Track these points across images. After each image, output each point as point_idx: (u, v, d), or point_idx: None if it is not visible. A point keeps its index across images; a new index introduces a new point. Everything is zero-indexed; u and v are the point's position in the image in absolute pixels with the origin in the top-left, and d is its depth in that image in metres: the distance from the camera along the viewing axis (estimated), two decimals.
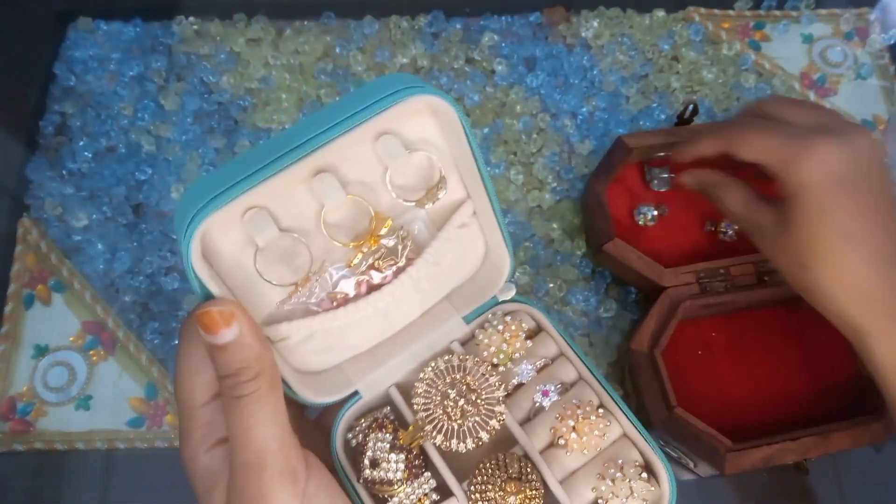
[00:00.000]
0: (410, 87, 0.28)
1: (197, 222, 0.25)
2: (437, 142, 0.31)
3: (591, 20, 0.64)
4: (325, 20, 0.64)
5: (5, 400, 0.52)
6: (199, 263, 0.26)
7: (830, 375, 0.52)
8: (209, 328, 0.26)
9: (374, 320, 0.34)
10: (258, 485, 0.26)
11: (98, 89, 0.61)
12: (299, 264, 0.30)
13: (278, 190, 0.28)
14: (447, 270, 0.35)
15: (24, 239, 0.56)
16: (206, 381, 0.28)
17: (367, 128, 0.28)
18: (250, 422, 0.26)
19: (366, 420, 0.34)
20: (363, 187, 0.30)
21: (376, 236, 0.31)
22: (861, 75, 0.65)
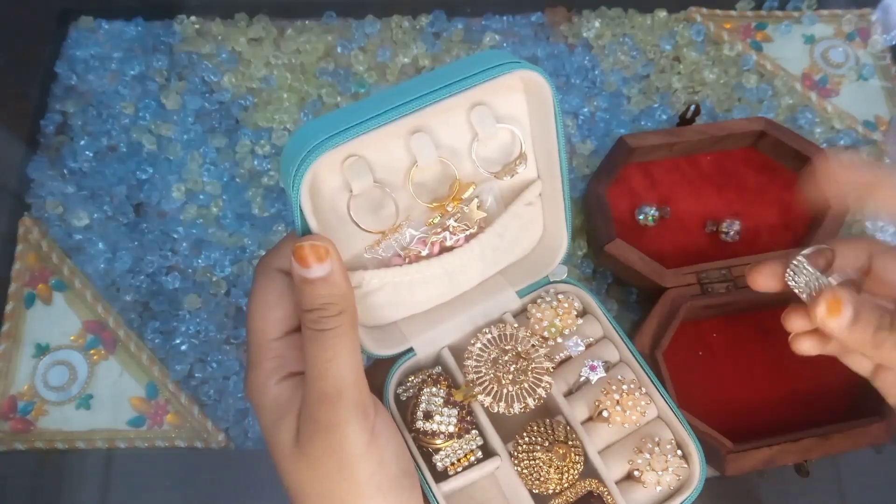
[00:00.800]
0: (514, 62, 0.29)
1: (314, 157, 0.27)
2: (522, 118, 0.33)
3: (592, 20, 0.64)
4: (326, 20, 0.64)
5: (6, 399, 0.52)
6: (306, 198, 0.28)
7: (831, 377, 0.52)
8: (303, 261, 0.27)
9: (440, 281, 0.35)
10: (334, 414, 0.27)
11: (99, 88, 0.61)
12: (385, 217, 0.32)
13: (378, 141, 0.29)
14: (508, 245, 0.36)
15: (25, 238, 0.56)
16: (281, 316, 0.29)
17: (467, 96, 0.29)
18: (330, 354, 0.27)
19: (416, 377, 0.35)
20: (451, 153, 0.32)
21: (458, 199, 0.32)
22: (863, 76, 0.65)
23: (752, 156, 0.57)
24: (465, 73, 0.29)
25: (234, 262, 0.55)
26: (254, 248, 0.56)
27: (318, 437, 0.28)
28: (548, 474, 0.33)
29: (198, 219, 0.57)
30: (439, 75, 0.29)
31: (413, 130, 0.30)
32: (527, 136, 0.33)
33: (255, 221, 0.57)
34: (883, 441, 0.47)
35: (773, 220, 0.55)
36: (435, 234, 0.33)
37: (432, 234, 0.33)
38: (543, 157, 0.34)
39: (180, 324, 0.54)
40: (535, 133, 0.33)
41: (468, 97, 0.30)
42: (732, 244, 0.54)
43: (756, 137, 0.56)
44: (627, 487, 0.35)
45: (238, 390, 0.52)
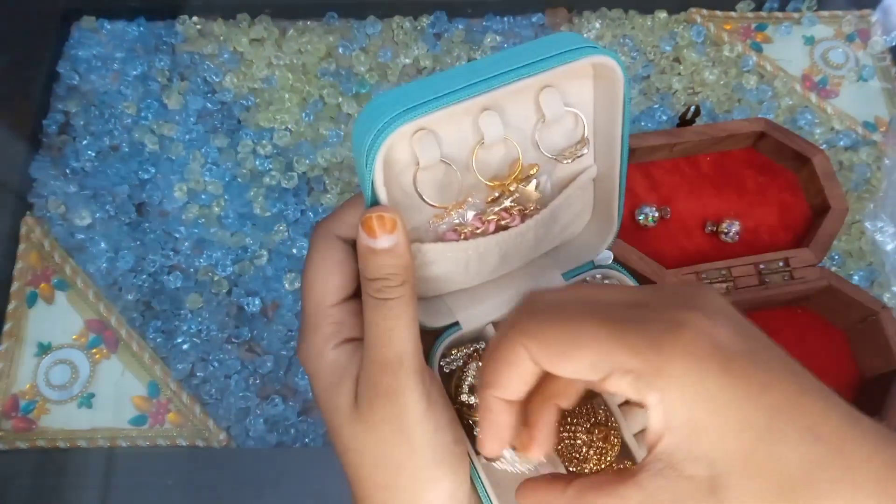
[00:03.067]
0: (588, 47, 0.29)
1: (390, 130, 0.27)
2: (587, 104, 0.33)
3: (593, 21, 0.65)
4: (328, 20, 0.64)
5: (8, 398, 0.52)
6: (380, 169, 0.28)
7: (830, 377, 0.52)
8: (372, 232, 0.27)
9: (493, 259, 0.35)
10: (394, 380, 0.28)
11: (101, 88, 0.61)
12: (449, 192, 0.32)
13: (449, 118, 0.29)
14: (559, 227, 0.37)
15: (28, 237, 0.56)
16: (339, 283, 0.30)
17: (539, 78, 0.29)
18: (392, 322, 0.28)
19: (459, 350, 0.35)
20: (517, 133, 0.32)
21: (518, 178, 0.33)
22: (863, 77, 0.65)
23: (751, 157, 0.57)
24: (541, 56, 0.29)
25: (235, 262, 0.56)
26: (255, 247, 0.56)
27: (379, 402, 0.28)
28: (587, 454, 0.33)
29: (199, 218, 0.57)
30: (514, 55, 0.29)
31: (484, 108, 0.30)
32: (590, 121, 0.33)
33: (256, 221, 0.57)
34: None
35: (772, 220, 0.55)
36: (493, 212, 0.33)
37: (490, 212, 0.33)
38: (603, 143, 0.34)
39: (182, 323, 0.54)
40: (598, 119, 0.33)
41: (540, 79, 0.30)
42: (732, 245, 0.54)
43: (756, 138, 0.56)
44: None
45: (240, 389, 0.52)
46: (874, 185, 0.60)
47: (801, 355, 0.55)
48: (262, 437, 0.52)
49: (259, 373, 0.53)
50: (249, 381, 0.53)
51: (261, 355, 0.54)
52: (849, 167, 0.61)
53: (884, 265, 0.57)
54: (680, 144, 0.54)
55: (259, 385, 0.53)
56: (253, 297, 0.54)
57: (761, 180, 0.56)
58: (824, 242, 0.52)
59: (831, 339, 0.53)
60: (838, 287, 0.50)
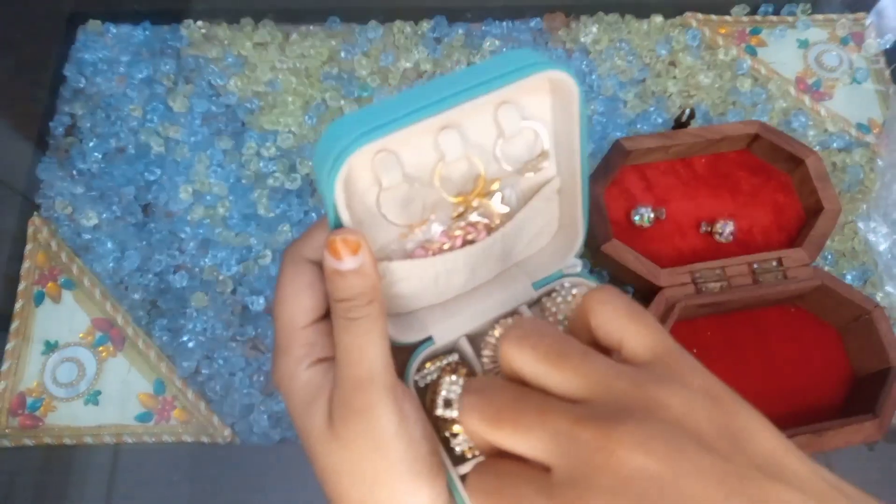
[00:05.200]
0: (543, 62, 0.30)
1: (349, 152, 0.27)
2: (546, 117, 0.34)
3: (590, 26, 0.65)
4: (330, 25, 0.65)
5: (15, 395, 0.53)
6: (341, 192, 0.28)
7: (824, 375, 0.53)
8: (337, 254, 0.28)
9: (461, 273, 0.36)
10: (366, 398, 0.28)
11: (107, 91, 0.62)
12: (412, 211, 0.32)
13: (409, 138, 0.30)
14: (527, 239, 0.38)
15: (35, 237, 0.57)
16: (310, 305, 0.30)
17: (496, 94, 0.30)
18: (362, 341, 0.28)
19: (433, 364, 0.36)
20: (477, 149, 0.33)
21: (481, 194, 0.33)
22: (856, 80, 0.66)
23: (746, 158, 0.58)
24: (497, 73, 0.29)
25: (240, 262, 0.57)
26: (259, 247, 0.57)
27: (353, 419, 0.29)
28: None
29: (205, 219, 0.58)
30: (471, 73, 0.30)
31: (442, 127, 0.31)
32: (549, 134, 0.34)
33: (260, 222, 0.58)
34: (875, 439, 0.47)
35: (766, 221, 0.56)
36: (458, 227, 0.34)
37: (456, 227, 0.34)
38: (564, 155, 0.35)
39: (187, 321, 0.55)
40: (557, 131, 0.34)
41: (497, 95, 0.30)
42: (726, 245, 0.55)
43: (750, 140, 0.57)
44: None
45: (244, 386, 0.53)
46: (867, 186, 0.61)
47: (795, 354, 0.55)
48: (266, 433, 0.52)
49: (263, 370, 0.54)
50: (253, 378, 0.54)
51: (265, 353, 0.54)
52: (842, 168, 0.62)
53: (876, 265, 0.58)
54: (675, 146, 0.55)
55: (263, 382, 0.54)
56: (257, 296, 0.55)
57: (755, 181, 0.57)
58: (817, 242, 0.53)
59: (824, 338, 0.54)
60: (831, 286, 0.51)
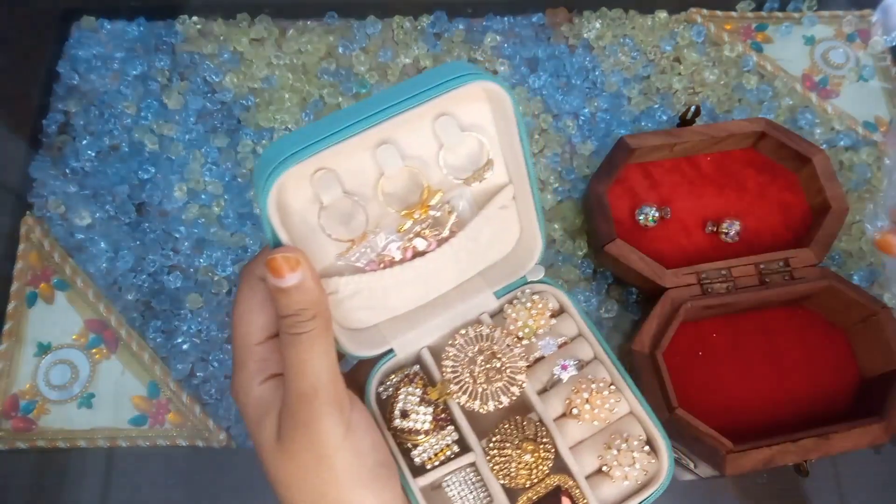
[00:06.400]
0: (472, 73, 0.30)
1: (277, 174, 0.28)
2: (487, 127, 0.34)
3: (593, 21, 0.64)
4: (328, 20, 0.64)
5: (8, 398, 0.52)
6: (273, 212, 0.29)
7: (831, 377, 0.52)
8: (276, 272, 0.28)
9: (415, 285, 0.36)
10: (310, 411, 0.29)
11: (101, 88, 0.61)
12: (356, 226, 0.33)
13: (345, 154, 0.31)
14: (484, 247, 0.38)
15: (27, 237, 0.56)
16: (263, 322, 0.31)
17: (430, 107, 0.30)
18: (306, 355, 0.29)
19: (396, 376, 0.37)
20: (419, 162, 0.33)
21: (426, 206, 0.34)
22: (863, 77, 0.65)
23: (752, 156, 0.57)
24: (427, 86, 0.30)
25: (235, 262, 0.56)
26: (255, 247, 0.56)
27: (298, 432, 0.29)
28: (517, 470, 0.34)
29: (199, 218, 0.57)
30: (402, 88, 0.30)
31: (379, 143, 0.32)
32: (494, 142, 0.35)
33: (256, 221, 0.57)
34: (882, 441, 0.47)
35: (773, 220, 0.55)
36: (408, 240, 0.35)
37: (405, 240, 0.35)
38: (512, 162, 0.35)
39: (182, 323, 0.54)
40: (502, 140, 0.34)
41: (432, 108, 0.31)
42: (732, 244, 0.54)
43: (756, 138, 0.56)
44: (597, 482, 0.36)
45: None
46: (874, 185, 0.60)
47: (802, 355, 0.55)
48: None
49: None
50: None
51: None
52: (849, 167, 0.61)
53: (884, 265, 0.57)
54: (680, 144, 0.54)
55: None
56: None
57: (761, 180, 0.56)
58: (825, 242, 0.52)
59: (831, 339, 0.53)
60: (838, 287, 0.50)
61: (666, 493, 0.48)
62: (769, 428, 0.49)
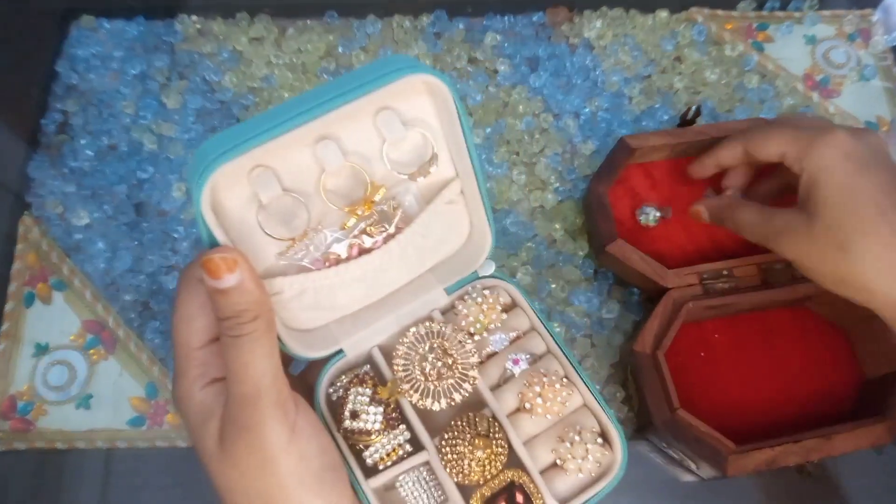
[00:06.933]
0: (410, 66, 0.30)
1: (209, 172, 0.27)
2: (431, 121, 0.33)
3: (594, 20, 0.64)
4: (327, 19, 0.64)
5: (5, 399, 0.52)
6: (207, 211, 0.28)
7: (833, 377, 0.52)
8: (214, 273, 0.28)
9: (362, 283, 0.36)
10: (253, 414, 0.28)
11: (100, 87, 0.61)
12: (297, 224, 0.32)
13: (284, 152, 0.30)
14: (433, 243, 0.37)
15: (25, 237, 0.56)
16: (203, 326, 0.30)
17: (369, 101, 0.29)
18: (247, 358, 0.28)
19: (347, 376, 0.36)
20: (361, 158, 0.33)
21: (370, 202, 0.33)
22: (864, 77, 0.65)
23: None
24: (365, 80, 0.29)
25: None
26: None
27: (241, 437, 0.29)
28: (470, 466, 0.34)
29: None
30: (341, 82, 0.29)
31: (319, 138, 0.31)
32: (439, 136, 0.34)
33: None
34: (884, 442, 0.46)
35: None
36: (353, 237, 0.34)
37: (350, 237, 0.34)
38: (458, 156, 0.35)
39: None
40: (446, 133, 0.34)
41: (372, 102, 0.30)
42: (734, 245, 0.54)
43: None
44: (552, 476, 0.36)
45: None
46: None
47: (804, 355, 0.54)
48: None
49: None
50: None
51: None
52: None
53: None
54: (681, 144, 0.54)
55: None
56: None
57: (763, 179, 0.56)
58: None
59: (834, 340, 0.53)
60: None
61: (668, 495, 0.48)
62: (771, 428, 0.49)
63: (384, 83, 0.29)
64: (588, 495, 0.35)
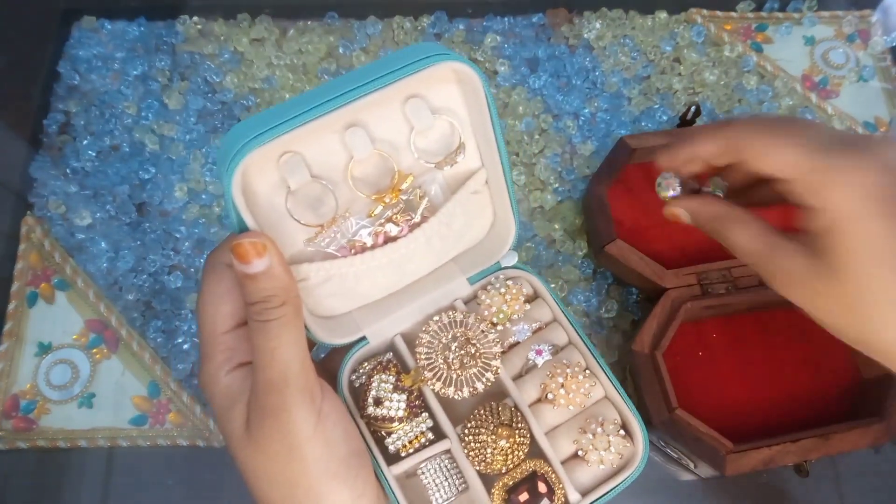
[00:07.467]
0: (441, 53, 0.30)
1: (240, 157, 0.27)
2: (459, 110, 0.33)
3: (593, 21, 0.64)
4: (328, 20, 0.64)
5: (8, 398, 0.52)
6: (238, 196, 0.28)
7: (831, 377, 0.52)
8: (243, 258, 0.28)
9: (387, 271, 0.36)
10: (280, 400, 0.28)
11: (102, 88, 0.61)
12: (325, 211, 0.32)
13: (313, 138, 0.30)
14: (457, 233, 0.37)
15: (28, 237, 0.56)
16: (230, 310, 0.30)
17: (398, 89, 0.29)
18: (275, 343, 0.28)
19: (369, 363, 0.36)
20: (389, 145, 0.32)
21: (397, 190, 0.33)
22: (863, 77, 0.65)
23: None
24: (394, 67, 0.29)
25: None
26: None
27: (267, 422, 0.29)
28: (493, 456, 0.34)
29: (200, 218, 0.57)
30: (370, 69, 0.29)
31: (347, 125, 0.31)
32: (466, 125, 0.34)
33: None
34: (882, 442, 0.47)
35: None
36: (379, 225, 0.34)
37: (376, 225, 0.34)
38: (484, 146, 0.34)
39: (182, 323, 0.54)
40: (474, 123, 0.34)
41: (401, 90, 0.30)
42: None
43: None
44: (573, 467, 0.36)
45: None
46: None
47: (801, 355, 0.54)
48: None
49: None
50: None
51: None
52: None
53: None
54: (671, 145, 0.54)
55: None
56: None
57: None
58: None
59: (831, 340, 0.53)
60: None
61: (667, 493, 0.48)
62: (769, 428, 0.49)
63: (414, 70, 0.29)
64: (609, 486, 0.35)
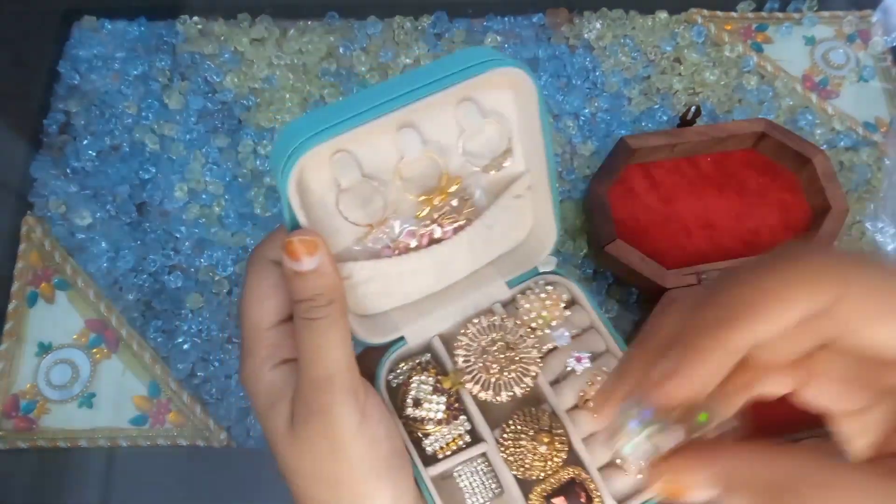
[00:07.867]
0: (497, 59, 0.30)
1: (298, 154, 0.27)
2: (509, 114, 0.33)
3: (593, 21, 0.64)
4: (328, 20, 0.64)
5: (8, 397, 0.52)
6: (294, 193, 0.28)
7: None
8: (294, 255, 0.28)
9: (429, 272, 0.36)
10: (325, 398, 0.28)
11: (102, 88, 0.61)
12: (373, 210, 0.32)
13: (366, 137, 0.30)
14: (498, 236, 0.37)
15: (28, 237, 0.56)
16: (275, 306, 0.30)
17: (453, 92, 0.30)
18: (321, 341, 0.28)
19: (406, 364, 0.36)
20: (438, 147, 0.33)
21: (445, 193, 0.33)
22: (863, 77, 0.65)
23: (752, 157, 0.57)
24: (452, 70, 0.29)
25: (236, 262, 0.56)
26: None
27: (312, 420, 0.29)
28: (532, 461, 0.34)
29: (200, 218, 0.57)
30: (426, 72, 0.29)
31: (400, 126, 0.31)
32: (514, 130, 0.34)
33: (257, 221, 0.57)
34: None
35: (773, 220, 0.55)
36: (424, 226, 0.34)
37: (421, 226, 0.34)
38: (531, 151, 0.35)
39: (182, 323, 0.54)
40: (522, 128, 0.34)
41: (455, 93, 0.30)
42: (733, 245, 0.54)
43: (756, 139, 0.56)
44: (610, 474, 0.35)
45: (240, 389, 0.52)
46: (875, 185, 0.60)
47: None
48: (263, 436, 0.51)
49: None
50: None
51: None
52: (849, 168, 0.61)
53: None
54: (681, 145, 0.54)
55: None
56: None
57: (762, 180, 0.56)
58: (825, 243, 0.52)
59: None
60: None
61: None
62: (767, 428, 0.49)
63: (471, 75, 0.29)
64: (647, 496, 0.35)
